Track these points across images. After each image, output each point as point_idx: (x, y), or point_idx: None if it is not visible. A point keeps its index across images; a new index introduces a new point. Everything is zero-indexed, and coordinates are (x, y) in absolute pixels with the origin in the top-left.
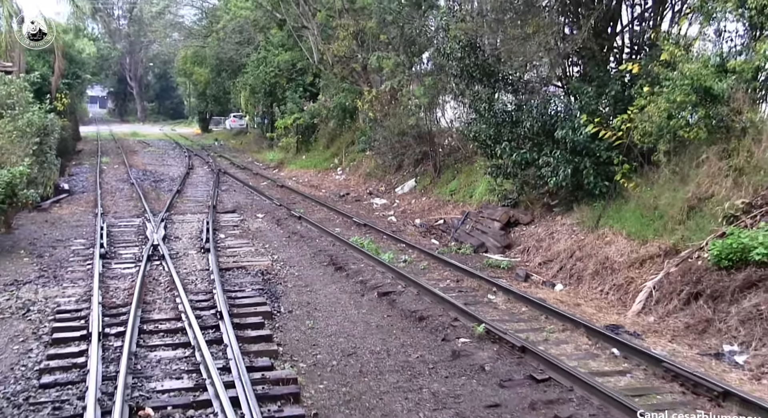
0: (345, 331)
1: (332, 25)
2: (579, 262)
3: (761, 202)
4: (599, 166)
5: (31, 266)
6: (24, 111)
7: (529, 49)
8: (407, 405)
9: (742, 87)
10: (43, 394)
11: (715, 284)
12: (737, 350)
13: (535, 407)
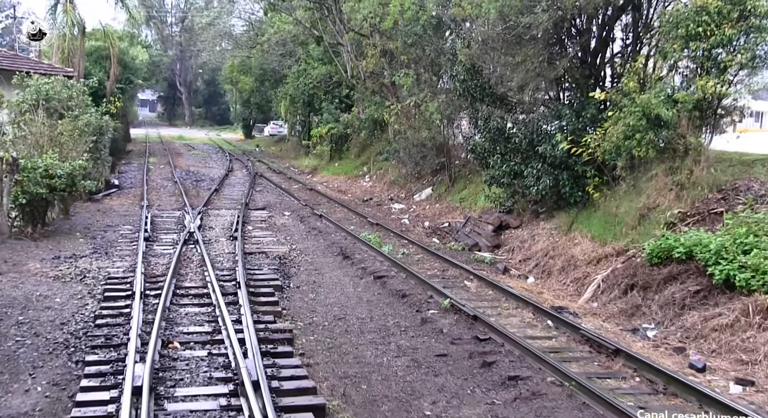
0: (340, 303)
1: (363, 43)
2: (551, 260)
3: (694, 212)
4: (575, 178)
5: (86, 245)
6: (83, 113)
7: (518, 75)
8: (376, 353)
9: (685, 115)
10: (98, 331)
11: (646, 277)
12: (651, 327)
13: (472, 356)
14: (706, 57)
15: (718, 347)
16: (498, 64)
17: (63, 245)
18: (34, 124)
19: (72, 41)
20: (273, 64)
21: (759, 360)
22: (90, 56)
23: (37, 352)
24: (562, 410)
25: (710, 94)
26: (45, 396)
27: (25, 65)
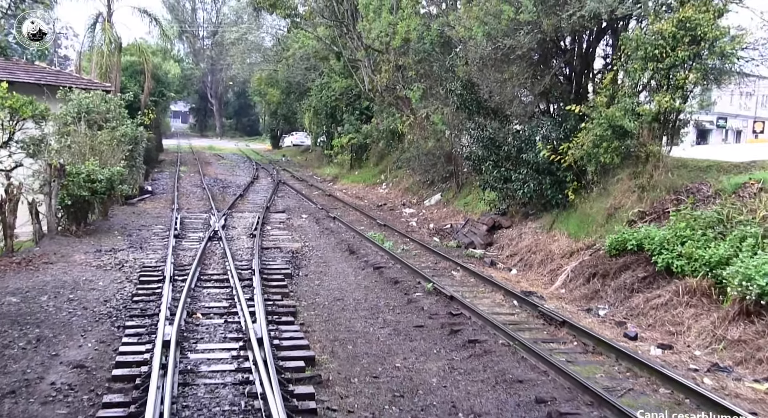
0: (341, 288)
1: (378, 59)
2: (533, 254)
3: (652, 211)
4: (556, 183)
5: (123, 241)
6: (120, 124)
7: (506, 90)
8: (364, 325)
9: (646, 126)
10: (135, 305)
11: (605, 266)
12: (603, 307)
13: (443, 326)
14: (663, 76)
15: (653, 321)
16: (489, 80)
17: (103, 241)
18: (77, 135)
19: (109, 57)
20: (298, 78)
21: (683, 331)
22: (125, 71)
23: (86, 320)
24: (503, 362)
25: (667, 108)
26: (94, 350)
27: (68, 81)
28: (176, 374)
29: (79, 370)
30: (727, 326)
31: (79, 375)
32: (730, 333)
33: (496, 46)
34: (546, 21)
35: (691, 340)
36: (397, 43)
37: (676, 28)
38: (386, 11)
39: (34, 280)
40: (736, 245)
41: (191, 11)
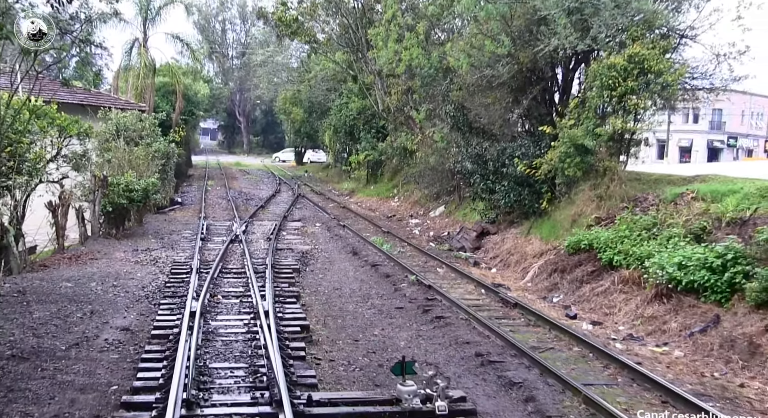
0: (340, 280)
1: (389, 82)
2: (511, 256)
3: (606, 217)
4: (533, 194)
5: (156, 243)
6: (153, 141)
7: (490, 112)
8: (355, 307)
9: (603, 145)
10: (167, 290)
11: (564, 263)
12: (558, 296)
13: (419, 307)
14: (617, 102)
15: (594, 305)
16: (476, 104)
17: (139, 243)
18: (116, 150)
19: (144, 79)
20: (319, 98)
21: (614, 312)
22: (158, 91)
23: (128, 300)
24: (459, 331)
25: (620, 129)
26: (136, 319)
27: (107, 101)
28: (200, 332)
29: (125, 332)
30: (646, 306)
31: (126, 335)
32: (647, 312)
33: (481, 74)
34: (521, 54)
35: (619, 318)
36: (402, 70)
37: (627, 62)
38: (392, 41)
39: (83, 271)
40: (663, 243)
41: (221, 32)
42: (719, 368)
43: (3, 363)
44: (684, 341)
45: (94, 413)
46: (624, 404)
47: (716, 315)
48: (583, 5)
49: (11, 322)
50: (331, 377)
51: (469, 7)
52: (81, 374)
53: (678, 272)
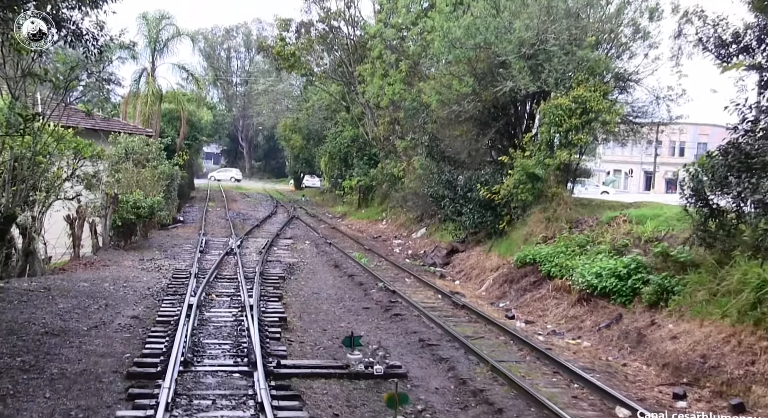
0: (320, 287)
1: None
2: (473, 270)
3: (552, 235)
4: (495, 216)
5: (160, 254)
6: (159, 163)
7: (458, 143)
8: (328, 306)
9: (552, 173)
10: (169, 290)
11: (513, 275)
12: (504, 302)
13: (382, 308)
14: (563, 136)
15: (532, 309)
16: (446, 135)
17: (144, 253)
18: (125, 171)
19: (151, 106)
20: (316, 126)
21: (546, 314)
22: (164, 117)
23: (136, 297)
24: (411, 325)
25: (565, 160)
26: (143, 311)
27: (117, 127)
28: (196, 319)
29: (135, 319)
30: (570, 308)
31: (135, 321)
32: (570, 313)
33: (450, 110)
34: (484, 93)
35: (549, 319)
36: (386, 103)
37: (572, 103)
38: (378, 77)
39: (97, 274)
40: (591, 257)
41: (226, 60)
42: (613, 353)
43: (39, 337)
44: (593, 334)
45: (113, 370)
46: (522, 373)
47: (619, 314)
48: (537, 52)
49: (41, 310)
50: (300, 353)
51: (441, 51)
52: (101, 346)
53: (595, 280)
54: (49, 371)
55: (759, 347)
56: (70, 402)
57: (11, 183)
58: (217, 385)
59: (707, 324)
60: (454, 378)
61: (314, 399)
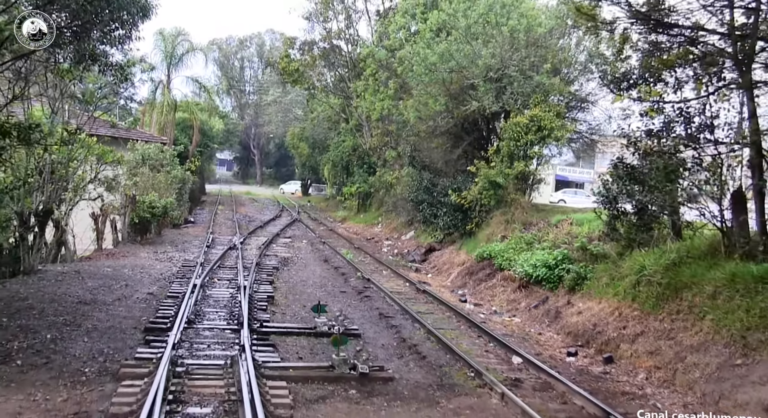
0: (307, 276)
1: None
2: (445, 265)
3: (508, 235)
4: (465, 218)
5: (172, 248)
6: (172, 169)
7: (434, 154)
8: (312, 290)
9: (511, 182)
10: (179, 275)
11: (473, 268)
12: (463, 290)
13: (356, 291)
14: (521, 150)
15: (483, 295)
16: (424, 147)
17: (158, 248)
18: (142, 175)
19: (166, 116)
20: (321, 136)
21: (493, 299)
22: (178, 125)
23: (150, 279)
24: (376, 303)
25: (522, 171)
26: (157, 289)
27: (135, 135)
28: (199, 295)
29: (150, 295)
30: (512, 294)
31: (150, 296)
32: (511, 297)
33: (427, 125)
34: (456, 111)
35: (495, 302)
36: (376, 117)
37: (528, 121)
38: (370, 94)
39: (117, 263)
40: (534, 252)
41: (240, 69)
42: (535, 326)
43: (74, 305)
44: (525, 313)
45: (133, 326)
46: (451, 336)
47: (546, 296)
48: (501, 76)
49: (74, 287)
50: (280, 320)
51: (420, 73)
52: (123, 311)
53: (531, 270)
54: (84, 326)
55: (631, 316)
56: (102, 344)
57: (49, 183)
58: (212, 336)
59: (603, 302)
60: (398, 338)
61: (285, 347)
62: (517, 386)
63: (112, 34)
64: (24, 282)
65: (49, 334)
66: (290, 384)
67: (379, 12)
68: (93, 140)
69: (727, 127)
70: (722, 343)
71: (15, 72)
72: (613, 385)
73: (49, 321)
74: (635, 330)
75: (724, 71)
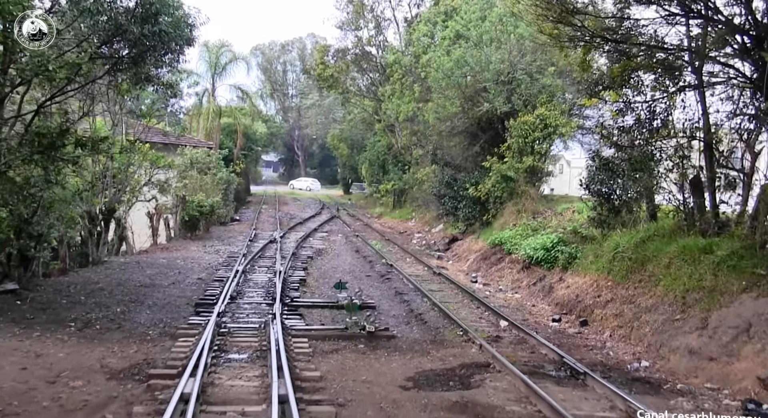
0: (338, 264)
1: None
2: (464, 253)
3: (513, 224)
4: (483, 210)
5: (218, 243)
6: (218, 171)
7: (453, 151)
8: (341, 275)
9: (521, 175)
10: (223, 264)
11: (487, 253)
12: (476, 273)
13: (379, 275)
14: (529, 146)
15: (493, 277)
16: (444, 145)
17: (206, 242)
18: (191, 178)
19: (211, 122)
20: (358, 136)
21: (500, 279)
22: (223, 131)
23: (200, 268)
24: (396, 284)
25: (531, 165)
26: (205, 275)
27: (184, 141)
28: (241, 279)
29: (199, 279)
30: (516, 274)
31: (199, 280)
32: (516, 278)
33: (445, 125)
34: (470, 112)
35: (501, 282)
36: (402, 119)
37: (535, 119)
38: (396, 97)
39: (171, 255)
40: (539, 238)
41: (282, 73)
42: (531, 300)
43: (137, 287)
44: (525, 290)
45: (186, 303)
46: (453, 308)
47: (544, 275)
48: (511, 80)
49: (136, 274)
50: (310, 297)
51: (437, 79)
52: (177, 292)
53: (532, 252)
54: (146, 302)
55: (605, 286)
56: (162, 315)
57: (111, 187)
58: (250, 308)
59: (587, 277)
60: (407, 309)
61: (310, 316)
62: (496, 341)
63: (163, 59)
64: (94, 270)
65: (118, 308)
66: (311, 341)
67: (407, 19)
68: (146, 147)
69: (688, 122)
70: (668, 303)
71: (85, 93)
72: (581, 341)
73: (118, 299)
74: (606, 298)
75: (683, 74)
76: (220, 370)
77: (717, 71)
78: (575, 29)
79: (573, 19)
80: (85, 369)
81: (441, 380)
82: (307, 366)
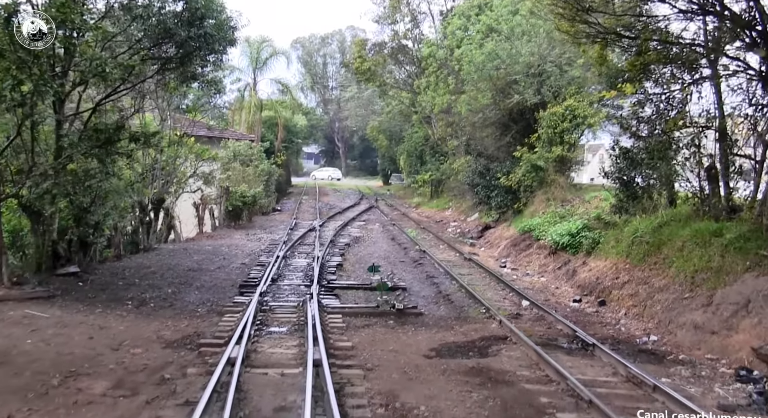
0: (374, 250)
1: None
2: (497, 240)
3: (542, 212)
4: (515, 199)
5: (261, 231)
6: (260, 163)
7: (486, 142)
8: (376, 260)
9: (551, 165)
10: (265, 251)
11: (516, 240)
12: (506, 259)
13: (413, 260)
14: (558, 136)
15: (522, 262)
16: (477, 136)
17: (249, 231)
18: (234, 170)
19: (253, 115)
20: (396, 128)
21: (529, 264)
22: (264, 124)
23: (243, 254)
24: (427, 269)
25: (560, 155)
26: (248, 261)
27: (227, 134)
28: (281, 263)
29: (243, 264)
30: (543, 259)
31: (243, 265)
32: (542, 262)
33: (477, 117)
34: (501, 104)
35: (529, 267)
36: (436, 111)
37: (564, 110)
38: (431, 90)
39: (216, 242)
40: (566, 224)
41: (323, 65)
42: (555, 283)
43: (185, 271)
44: (551, 274)
45: (231, 285)
46: (479, 289)
47: (569, 259)
48: (541, 72)
49: (184, 259)
50: (345, 280)
51: (469, 72)
52: (222, 275)
53: (558, 238)
54: (194, 284)
55: (623, 269)
56: (209, 296)
57: (160, 178)
58: (290, 289)
59: (608, 260)
60: (436, 291)
61: (345, 297)
62: (516, 318)
63: (208, 59)
64: (145, 256)
65: (169, 289)
66: (345, 317)
67: (442, 12)
68: (192, 141)
69: (705, 113)
70: (679, 283)
71: (136, 91)
72: (596, 318)
73: (168, 281)
74: (624, 279)
75: (699, 67)
76: (262, 340)
77: (728, 63)
78: (590, 26)
79: (588, 17)
80: (143, 339)
81: (461, 350)
82: (339, 338)
